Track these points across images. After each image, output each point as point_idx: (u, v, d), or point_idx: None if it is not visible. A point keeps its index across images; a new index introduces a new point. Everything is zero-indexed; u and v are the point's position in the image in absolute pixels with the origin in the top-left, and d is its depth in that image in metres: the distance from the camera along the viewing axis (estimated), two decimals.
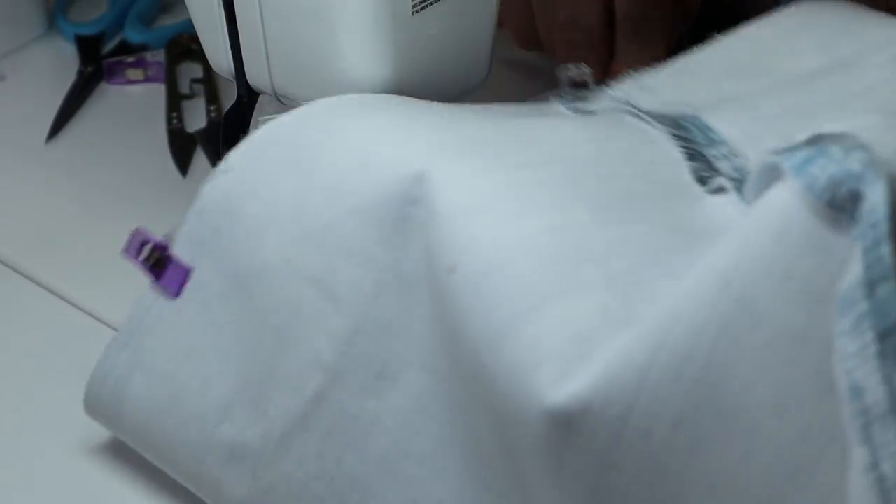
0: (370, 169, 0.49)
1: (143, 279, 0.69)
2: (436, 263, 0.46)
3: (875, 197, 0.40)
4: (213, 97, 0.82)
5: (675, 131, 0.51)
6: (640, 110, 0.53)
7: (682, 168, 0.50)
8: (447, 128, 0.51)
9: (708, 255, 0.42)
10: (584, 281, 0.43)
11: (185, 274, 0.54)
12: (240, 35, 0.61)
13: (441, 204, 0.47)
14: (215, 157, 0.77)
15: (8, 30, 0.88)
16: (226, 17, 0.61)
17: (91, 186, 0.76)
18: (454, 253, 0.45)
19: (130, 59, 0.85)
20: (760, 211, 0.41)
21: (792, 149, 0.42)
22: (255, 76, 0.62)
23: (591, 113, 0.55)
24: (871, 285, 0.39)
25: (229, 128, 0.64)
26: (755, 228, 0.41)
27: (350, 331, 0.49)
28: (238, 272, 0.52)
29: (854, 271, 0.40)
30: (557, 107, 0.56)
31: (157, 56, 0.86)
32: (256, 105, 0.64)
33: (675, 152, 0.51)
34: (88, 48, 0.87)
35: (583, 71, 0.56)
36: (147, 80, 0.85)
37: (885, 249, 0.40)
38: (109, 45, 0.88)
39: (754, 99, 0.53)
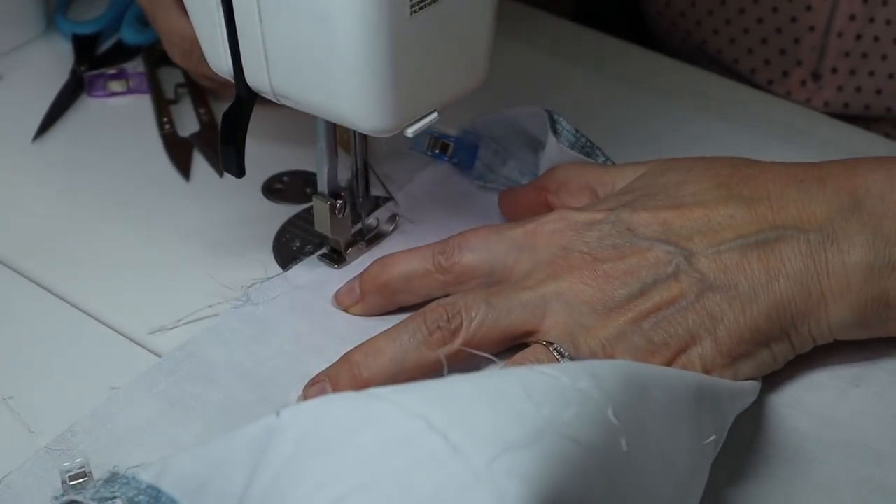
0: None
1: (137, 278, 0.70)
2: None
3: None
4: (200, 101, 0.82)
5: None
6: None
7: None
8: None
9: None
10: None
11: None
12: (238, 36, 0.61)
13: None
14: (214, 158, 0.78)
15: (7, 29, 0.88)
16: (224, 17, 0.61)
17: (90, 187, 0.76)
18: None
19: (112, 71, 0.85)
20: None
21: None
22: (253, 77, 0.62)
23: None
24: None
25: (228, 128, 0.64)
26: None
27: None
28: None
29: None
30: None
31: (139, 67, 0.86)
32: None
33: None
34: (84, 47, 0.87)
35: (82, 465, 0.57)
36: (130, 91, 0.84)
37: None
38: (106, 46, 0.88)
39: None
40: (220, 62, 0.63)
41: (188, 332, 0.65)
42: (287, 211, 0.74)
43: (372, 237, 0.71)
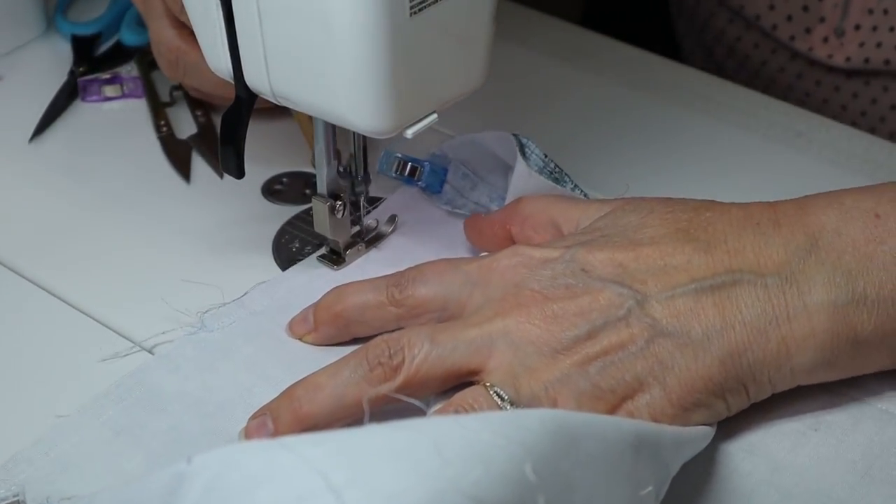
0: None
1: (134, 277, 0.70)
2: None
3: None
4: (196, 103, 0.82)
5: None
6: None
7: None
8: None
9: None
10: None
11: None
12: (238, 36, 0.61)
13: None
14: (213, 160, 0.78)
15: (7, 29, 0.88)
16: (224, 18, 0.61)
17: (89, 188, 0.76)
18: None
19: (106, 76, 0.85)
20: None
21: None
22: (253, 78, 0.62)
23: None
24: None
25: (227, 129, 0.64)
26: None
27: None
28: None
29: None
30: None
31: (133, 71, 0.86)
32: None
33: None
34: (83, 49, 0.87)
35: (17, 493, 0.57)
36: (125, 95, 0.84)
37: None
38: (105, 47, 0.88)
39: None
40: (219, 63, 0.63)
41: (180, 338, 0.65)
42: (286, 212, 0.74)
43: (371, 238, 0.71)
